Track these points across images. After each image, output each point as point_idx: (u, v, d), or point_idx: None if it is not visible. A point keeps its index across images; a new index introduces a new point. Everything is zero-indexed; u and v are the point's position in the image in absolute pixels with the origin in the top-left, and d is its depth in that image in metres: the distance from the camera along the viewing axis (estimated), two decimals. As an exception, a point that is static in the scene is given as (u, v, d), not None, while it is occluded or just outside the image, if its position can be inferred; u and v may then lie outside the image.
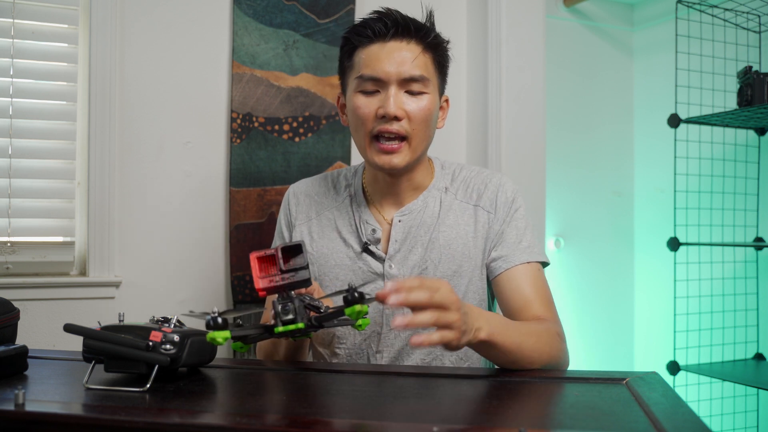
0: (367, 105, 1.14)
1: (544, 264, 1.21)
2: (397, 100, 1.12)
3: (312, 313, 0.92)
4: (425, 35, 1.15)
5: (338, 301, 1.19)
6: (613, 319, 2.62)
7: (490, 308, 1.27)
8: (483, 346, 0.94)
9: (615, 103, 2.65)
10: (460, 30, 2.12)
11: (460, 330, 0.86)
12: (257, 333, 0.90)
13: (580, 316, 2.54)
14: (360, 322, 0.90)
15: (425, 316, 0.82)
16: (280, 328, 0.88)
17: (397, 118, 1.12)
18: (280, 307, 0.88)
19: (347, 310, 0.87)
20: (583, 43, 2.58)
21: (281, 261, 0.87)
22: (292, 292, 0.89)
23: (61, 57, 1.71)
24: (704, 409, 2.22)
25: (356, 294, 0.87)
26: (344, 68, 1.21)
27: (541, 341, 1.03)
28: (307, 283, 0.89)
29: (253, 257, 0.88)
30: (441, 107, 1.22)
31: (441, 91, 1.21)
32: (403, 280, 0.85)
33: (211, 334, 0.82)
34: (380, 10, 1.16)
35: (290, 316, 0.88)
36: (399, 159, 1.14)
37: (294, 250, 0.88)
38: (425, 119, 1.14)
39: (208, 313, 0.83)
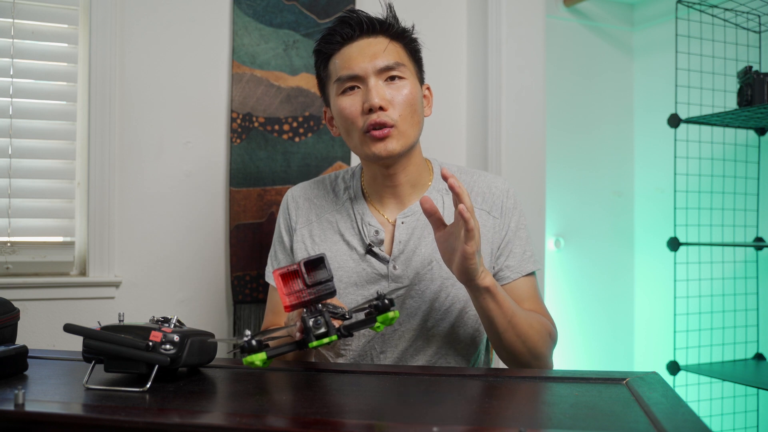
0: (351, 104, 1.15)
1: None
2: (378, 92, 1.13)
3: (338, 322, 0.92)
4: (389, 27, 1.19)
5: (346, 301, 1.20)
6: (613, 319, 2.62)
7: None
8: (485, 294, 1.02)
9: (615, 103, 2.65)
10: (460, 30, 2.12)
11: (477, 244, 0.96)
12: (289, 349, 0.90)
13: (580, 316, 2.54)
14: (379, 323, 0.91)
15: (470, 203, 0.95)
16: (315, 343, 0.88)
17: (382, 108, 1.13)
18: (311, 321, 0.88)
19: (380, 318, 0.89)
20: (583, 43, 2.58)
21: (305, 275, 0.88)
22: (319, 305, 0.90)
23: (61, 57, 1.71)
24: (704, 409, 2.22)
25: (386, 301, 0.89)
26: (323, 80, 1.23)
27: (533, 326, 1.10)
28: (333, 294, 0.90)
29: (276, 274, 0.88)
30: (424, 96, 1.24)
31: (421, 80, 1.23)
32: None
33: (249, 357, 0.82)
34: (342, 15, 1.19)
35: (323, 330, 0.89)
36: (393, 144, 1.15)
37: (316, 262, 0.89)
38: (409, 104, 1.16)
39: (233, 339, 0.84)
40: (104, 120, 1.69)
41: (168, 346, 0.86)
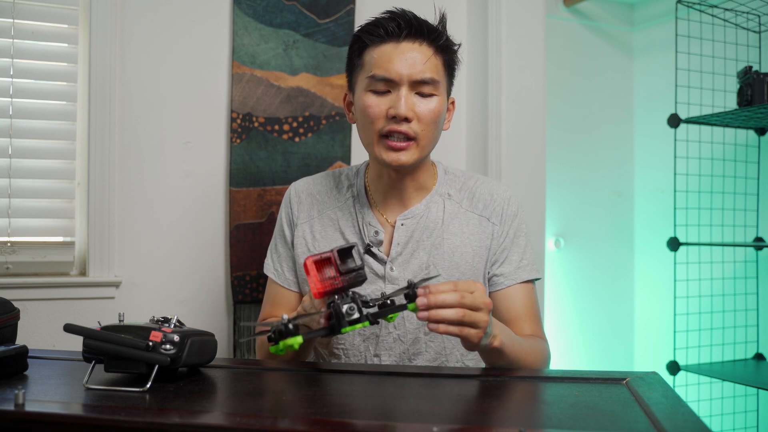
0: (377, 105, 1.14)
1: (537, 278, 1.27)
2: (407, 102, 1.12)
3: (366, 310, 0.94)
4: (437, 38, 1.15)
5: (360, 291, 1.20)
6: (613, 319, 2.62)
7: None
8: (492, 352, 1.00)
9: (615, 103, 2.65)
10: (460, 30, 2.12)
11: (484, 331, 0.92)
12: (320, 335, 0.91)
13: (580, 316, 2.54)
14: (393, 315, 0.92)
15: (450, 312, 0.89)
16: (348, 328, 0.89)
17: (407, 120, 1.12)
18: (345, 308, 0.90)
19: (410, 306, 0.91)
20: (583, 43, 2.58)
21: (338, 263, 0.89)
22: (350, 291, 0.91)
23: (61, 57, 1.71)
24: (704, 409, 2.22)
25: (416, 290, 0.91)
26: (353, 66, 1.20)
27: (537, 361, 1.11)
28: (364, 281, 0.92)
29: (310, 261, 0.89)
30: (447, 109, 1.22)
31: (448, 93, 1.21)
32: (435, 284, 0.91)
33: (288, 340, 0.83)
34: (393, 10, 1.16)
35: (356, 316, 0.90)
36: (407, 157, 1.14)
37: (347, 251, 0.91)
38: (433, 121, 1.15)
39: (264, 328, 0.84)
40: (104, 120, 1.69)
41: (168, 346, 0.86)
